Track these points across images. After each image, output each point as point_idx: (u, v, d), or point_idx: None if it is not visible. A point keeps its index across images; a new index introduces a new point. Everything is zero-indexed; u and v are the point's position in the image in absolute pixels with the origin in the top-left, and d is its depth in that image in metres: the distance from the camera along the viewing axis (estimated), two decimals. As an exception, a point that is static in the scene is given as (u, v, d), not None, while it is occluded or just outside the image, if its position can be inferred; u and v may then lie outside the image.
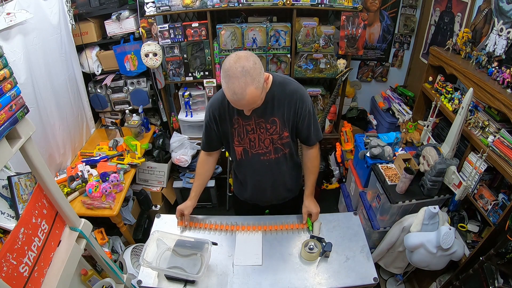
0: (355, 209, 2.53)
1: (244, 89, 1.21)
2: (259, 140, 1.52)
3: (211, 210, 3.15)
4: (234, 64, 1.21)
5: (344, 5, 2.45)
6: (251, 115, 1.44)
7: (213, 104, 1.50)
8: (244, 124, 1.48)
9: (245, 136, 1.51)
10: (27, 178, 1.29)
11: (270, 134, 1.50)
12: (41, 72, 2.05)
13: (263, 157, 1.55)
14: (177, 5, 2.44)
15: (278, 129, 1.49)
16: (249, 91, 1.22)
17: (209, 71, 2.73)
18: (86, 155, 2.53)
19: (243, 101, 1.24)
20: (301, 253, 1.50)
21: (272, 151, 1.54)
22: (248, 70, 1.20)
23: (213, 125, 1.53)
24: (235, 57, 1.23)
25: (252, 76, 1.21)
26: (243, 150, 1.55)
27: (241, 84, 1.20)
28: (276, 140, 1.51)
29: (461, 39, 2.04)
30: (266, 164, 1.57)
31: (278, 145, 1.53)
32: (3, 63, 1.01)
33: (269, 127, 1.48)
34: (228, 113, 1.47)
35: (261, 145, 1.53)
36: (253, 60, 1.24)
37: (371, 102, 3.37)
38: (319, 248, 1.48)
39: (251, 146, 1.53)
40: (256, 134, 1.50)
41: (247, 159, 1.57)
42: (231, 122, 1.49)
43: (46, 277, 1.27)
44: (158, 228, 1.63)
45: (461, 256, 1.78)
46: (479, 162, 1.70)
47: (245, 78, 1.20)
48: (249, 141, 1.52)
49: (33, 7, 1.95)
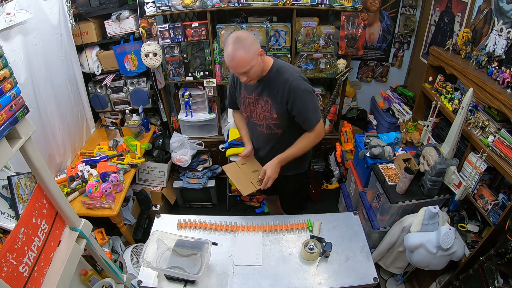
0: (355, 209, 2.53)
1: (234, 52, 1.47)
2: (256, 113, 1.75)
3: (211, 210, 3.15)
4: (232, 36, 1.51)
5: (344, 5, 2.45)
6: (252, 90, 1.69)
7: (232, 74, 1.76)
8: (247, 96, 1.74)
9: (247, 106, 1.77)
10: (27, 178, 1.29)
11: (263, 110, 1.70)
12: (41, 72, 2.05)
13: (259, 128, 1.78)
14: (177, 5, 2.44)
15: (269, 108, 1.67)
16: (239, 54, 1.47)
17: (209, 71, 2.73)
18: (86, 155, 2.53)
19: (233, 62, 1.49)
20: (301, 253, 1.50)
21: (264, 126, 1.75)
22: (240, 39, 1.48)
23: (233, 88, 1.84)
24: (234, 33, 1.55)
25: (243, 44, 1.47)
26: (246, 116, 1.83)
27: (233, 48, 1.47)
28: (267, 118, 1.71)
29: (461, 39, 2.04)
30: (262, 133, 1.79)
31: (269, 123, 1.72)
32: (3, 63, 1.01)
33: (263, 104, 1.69)
34: (239, 84, 1.76)
35: (257, 117, 1.76)
36: (247, 34, 1.53)
37: (371, 102, 3.37)
38: (319, 248, 1.48)
39: (251, 116, 1.79)
40: (254, 107, 1.74)
41: (249, 124, 1.86)
42: (240, 91, 1.78)
43: (46, 277, 1.27)
44: (158, 228, 1.63)
45: (461, 256, 1.78)
46: (479, 162, 1.70)
47: (237, 44, 1.47)
48: (250, 111, 1.78)
49: (33, 7, 1.95)
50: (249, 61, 1.50)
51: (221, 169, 3.07)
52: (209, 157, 3.09)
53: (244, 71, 1.53)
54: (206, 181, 2.97)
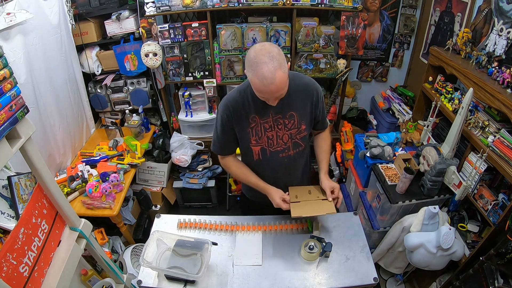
0: (355, 209, 2.52)
1: (273, 73, 1.21)
2: (277, 137, 1.50)
3: (211, 210, 3.16)
4: (261, 51, 1.23)
5: (344, 5, 2.45)
6: (269, 111, 1.44)
7: (228, 103, 1.46)
8: (262, 122, 1.46)
9: (263, 134, 1.49)
10: (27, 178, 1.29)
11: (288, 129, 1.49)
12: (41, 72, 2.05)
13: (282, 154, 1.54)
14: (177, 5, 2.44)
15: (296, 123, 1.49)
16: (278, 75, 1.22)
17: (209, 71, 2.73)
18: (86, 155, 2.53)
19: (272, 86, 1.23)
20: (301, 253, 1.50)
21: (290, 147, 1.54)
22: (275, 55, 1.22)
23: (230, 124, 1.48)
24: (259, 46, 1.26)
25: (279, 61, 1.22)
26: (260, 149, 1.53)
27: (270, 68, 1.20)
28: (294, 135, 1.52)
29: (461, 39, 2.04)
30: (284, 161, 1.56)
31: (297, 140, 1.54)
32: (3, 63, 1.01)
33: (287, 122, 1.48)
34: (245, 112, 1.45)
35: (279, 142, 1.51)
36: (277, 48, 1.26)
37: (371, 102, 3.37)
38: (319, 248, 1.48)
39: (269, 144, 1.52)
40: (274, 131, 1.49)
41: (265, 159, 1.55)
42: (248, 121, 1.46)
43: (46, 277, 1.27)
44: (158, 228, 1.63)
45: (461, 256, 1.78)
46: (479, 162, 1.70)
47: (273, 62, 1.21)
48: (267, 139, 1.50)
49: (33, 7, 1.95)
50: (286, 81, 1.28)
51: (220, 169, 3.08)
52: (209, 157, 3.09)
53: (281, 94, 1.31)
54: (206, 181, 2.97)
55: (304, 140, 1.57)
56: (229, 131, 1.51)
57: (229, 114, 1.46)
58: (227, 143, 1.56)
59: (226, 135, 1.53)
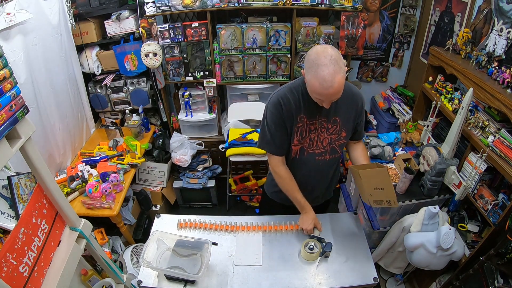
0: (355, 209, 2.52)
1: (334, 76, 1.21)
2: (318, 140, 1.51)
3: (211, 210, 3.15)
4: (322, 53, 1.23)
5: (344, 5, 2.45)
6: (316, 113, 1.44)
7: (281, 100, 1.43)
8: (308, 123, 1.47)
9: (306, 135, 1.49)
10: (27, 178, 1.29)
11: (329, 134, 1.50)
12: (41, 72, 2.05)
13: (318, 157, 1.55)
14: (177, 5, 2.44)
15: (338, 129, 1.50)
16: (338, 79, 1.22)
17: (209, 71, 2.73)
18: (86, 155, 2.53)
19: (331, 89, 1.23)
20: (301, 253, 1.50)
21: (328, 152, 1.54)
22: (336, 59, 1.22)
23: (283, 122, 1.45)
24: (321, 48, 1.26)
25: (339, 65, 1.23)
26: (300, 149, 1.53)
27: (331, 71, 1.21)
28: (334, 141, 1.52)
29: (461, 39, 2.04)
30: (319, 164, 1.57)
31: (335, 146, 1.54)
32: (3, 63, 1.01)
33: (330, 126, 1.49)
34: (295, 110, 1.44)
35: (318, 145, 1.52)
36: (337, 51, 1.26)
37: (371, 102, 3.37)
38: (319, 248, 1.48)
39: (309, 145, 1.52)
40: (316, 133, 1.49)
41: (301, 158, 1.55)
42: (296, 120, 1.45)
43: (46, 277, 1.27)
44: (158, 228, 1.63)
45: (461, 256, 1.78)
46: (479, 162, 1.70)
47: (334, 66, 1.21)
48: (308, 140, 1.51)
49: (33, 7, 1.95)
50: (343, 85, 1.27)
51: (221, 169, 3.08)
52: (209, 157, 3.09)
53: (337, 97, 1.31)
54: (206, 181, 2.97)
55: (341, 148, 1.58)
56: (283, 127, 1.48)
57: (282, 112, 1.44)
58: (283, 141, 1.52)
59: (280, 132, 1.49)
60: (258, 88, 2.88)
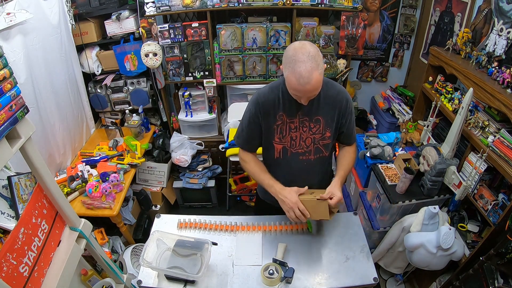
0: (355, 209, 2.52)
1: (310, 73, 1.22)
2: (301, 139, 1.50)
3: (211, 210, 3.15)
4: (300, 49, 1.23)
5: (344, 5, 2.45)
6: (296, 112, 1.44)
7: (259, 98, 1.47)
8: (288, 122, 1.47)
9: (287, 134, 1.49)
10: (27, 178, 1.29)
11: (312, 133, 1.49)
12: (41, 72, 2.05)
13: (302, 157, 1.53)
14: (177, 5, 2.44)
15: (321, 128, 1.49)
16: (315, 75, 1.23)
17: (209, 71, 2.73)
18: (86, 155, 2.53)
19: (308, 85, 1.24)
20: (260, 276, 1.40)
21: (312, 151, 1.53)
22: (314, 55, 1.23)
23: (258, 119, 1.48)
24: (299, 44, 1.26)
25: (317, 62, 1.23)
26: (282, 148, 1.53)
27: (308, 68, 1.21)
28: (318, 140, 1.51)
29: (461, 39, 2.04)
30: (304, 164, 1.55)
31: (319, 146, 1.52)
32: (3, 63, 1.01)
33: (312, 126, 1.48)
34: (273, 108, 1.45)
35: (301, 144, 1.51)
36: (315, 48, 1.26)
37: (371, 102, 3.37)
38: (280, 273, 1.37)
39: (292, 145, 1.51)
40: (298, 132, 1.49)
41: (285, 158, 1.55)
42: (275, 118, 1.47)
43: (46, 277, 1.27)
44: (158, 228, 1.63)
45: (461, 256, 1.78)
46: (479, 162, 1.70)
47: (311, 62, 1.22)
48: (290, 139, 1.50)
49: (33, 7, 1.95)
50: (321, 82, 1.28)
51: (221, 169, 3.08)
52: (209, 157, 3.09)
53: (315, 94, 1.31)
54: (206, 181, 2.97)
55: (327, 148, 1.55)
56: (255, 126, 1.51)
57: (258, 109, 1.46)
58: (252, 138, 1.55)
59: (251, 130, 1.52)
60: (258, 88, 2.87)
